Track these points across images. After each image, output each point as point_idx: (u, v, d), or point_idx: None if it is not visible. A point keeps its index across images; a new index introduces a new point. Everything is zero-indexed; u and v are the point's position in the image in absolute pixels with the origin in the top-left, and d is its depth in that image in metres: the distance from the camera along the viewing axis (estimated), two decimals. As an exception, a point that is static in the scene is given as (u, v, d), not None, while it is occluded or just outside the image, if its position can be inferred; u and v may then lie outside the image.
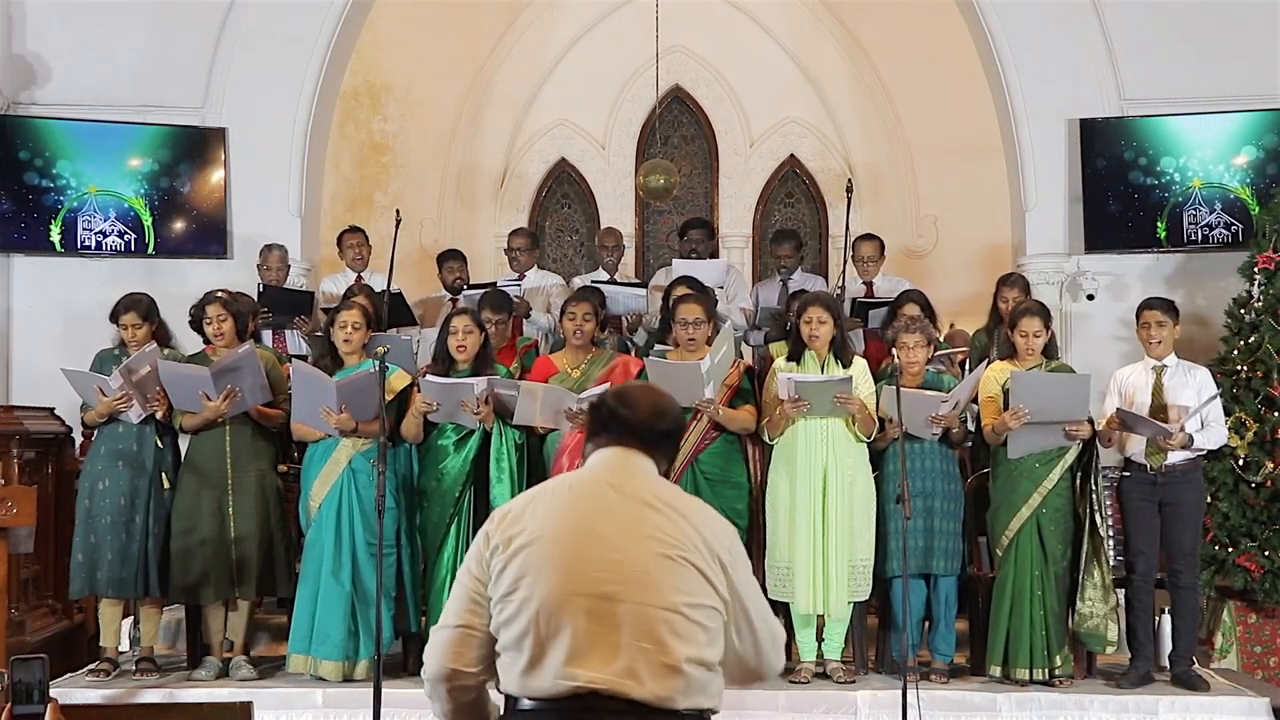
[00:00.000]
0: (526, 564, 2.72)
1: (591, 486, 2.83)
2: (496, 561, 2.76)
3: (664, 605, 2.68)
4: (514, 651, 2.73)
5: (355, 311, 6.41)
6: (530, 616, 2.70)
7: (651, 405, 2.92)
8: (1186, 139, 8.41)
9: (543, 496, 2.84)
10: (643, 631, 2.66)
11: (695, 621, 2.70)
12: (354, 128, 9.94)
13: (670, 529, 2.74)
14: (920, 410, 6.14)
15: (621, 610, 2.67)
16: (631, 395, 2.95)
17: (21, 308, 8.67)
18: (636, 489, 2.81)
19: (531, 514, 2.78)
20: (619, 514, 2.76)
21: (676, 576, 2.70)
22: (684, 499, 2.86)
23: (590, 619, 2.67)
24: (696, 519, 2.79)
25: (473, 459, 6.26)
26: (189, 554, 6.27)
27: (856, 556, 6.17)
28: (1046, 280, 8.46)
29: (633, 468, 2.86)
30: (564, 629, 2.67)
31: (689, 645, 2.68)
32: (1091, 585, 6.23)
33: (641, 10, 9.22)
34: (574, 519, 2.76)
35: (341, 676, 6.13)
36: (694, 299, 6.51)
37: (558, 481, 2.92)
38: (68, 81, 8.65)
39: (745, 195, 10.30)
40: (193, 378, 6.18)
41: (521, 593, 2.71)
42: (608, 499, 2.79)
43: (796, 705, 6.02)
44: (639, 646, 2.66)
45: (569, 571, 2.70)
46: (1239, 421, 7.31)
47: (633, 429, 2.89)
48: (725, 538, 2.82)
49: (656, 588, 2.69)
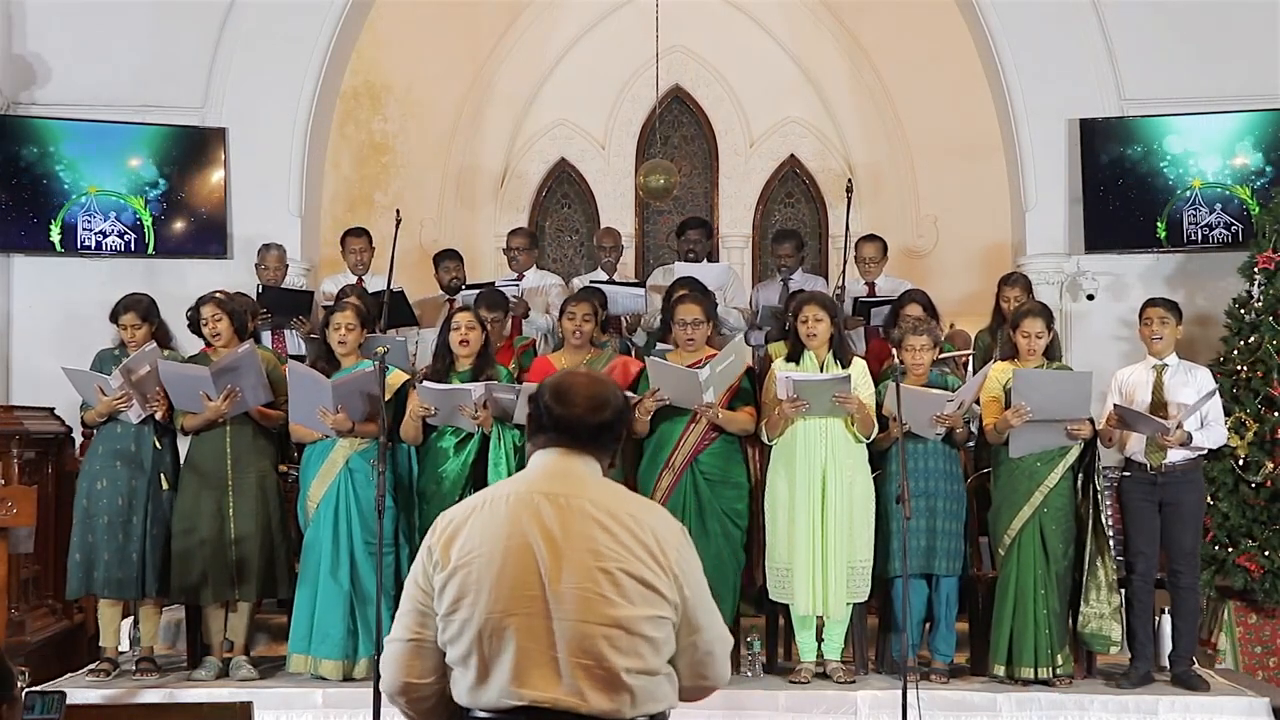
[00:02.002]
0: (465, 584, 2.70)
1: (528, 500, 2.74)
2: (438, 578, 2.74)
3: (602, 621, 2.65)
4: (461, 668, 2.73)
5: (349, 312, 6.41)
6: (472, 636, 2.69)
7: (589, 398, 2.81)
8: (1187, 139, 8.40)
9: (480, 511, 2.77)
10: (582, 649, 2.64)
11: (637, 634, 2.67)
12: (354, 128, 9.93)
13: (609, 542, 2.69)
14: (925, 409, 6.13)
15: (560, 628, 2.65)
16: (568, 389, 2.83)
17: (21, 308, 8.67)
18: (575, 499, 2.73)
19: (469, 530, 2.74)
20: (555, 529, 2.70)
21: (615, 591, 2.66)
22: (626, 504, 2.78)
23: (530, 638, 2.66)
24: (639, 526, 2.73)
25: (472, 462, 6.26)
26: (189, 554, 6.28)
27: (856, 557, 6.17)
28: (1046, 280, 8.46)
29: (573, 473, 2.79)
30: (505, 648, 2.66)
31: (630, 658, 2.66)
32: (1096, 586, 6.23)
33: (641, 10, 9.22)
34: (509, 536, 2.70)
35: (341, 675, 6.14)
36: (693, 299, 6.51)
37: (495, 493, 2.82)
38: (68, 81, 8.64)
39: (745, 195, 10.30)
40: (193, 378, 6.18)
41: (462, 613, 2.70)
42: (544, 513, 2.71)
43: (796, 705, 6.02)
44: (580, 663, 2.64)
45: (505, 591, 2.67)
46: (1239, 421, 7.31)
47: (569, 427, 2.80)
48: (673, 540, 2.76)
49: (594, 604, 2.65)
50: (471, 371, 6.29)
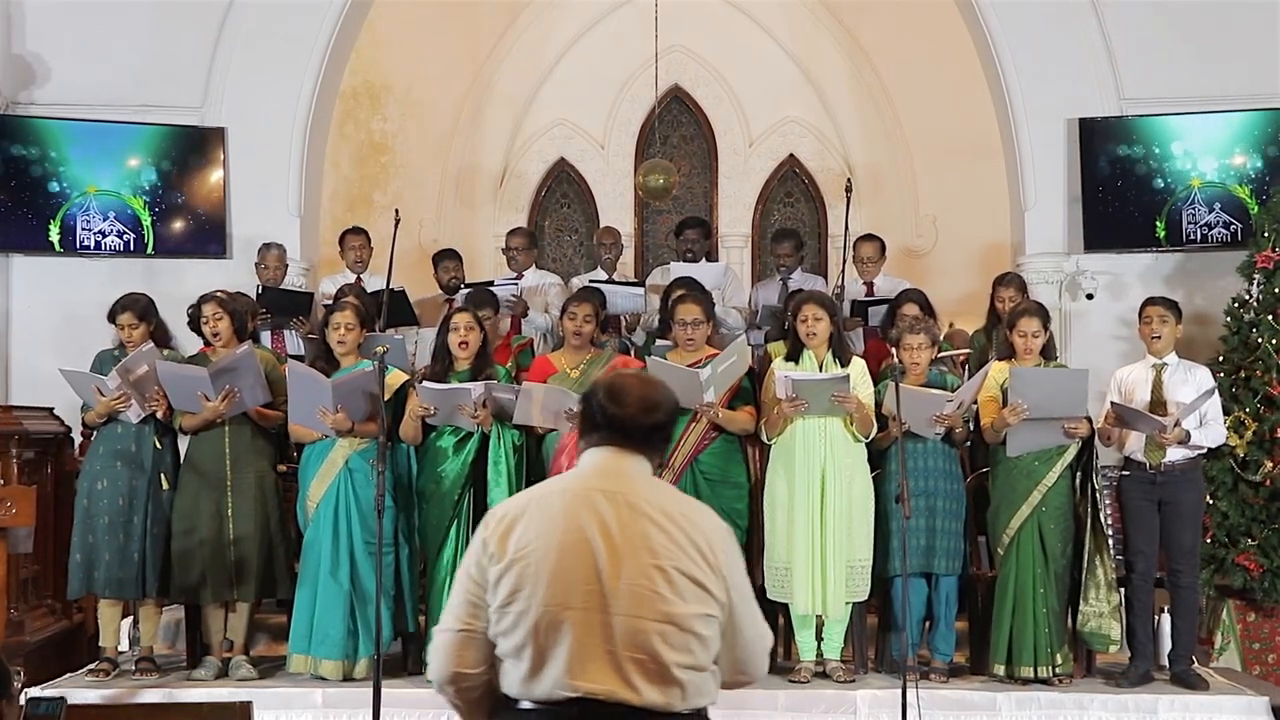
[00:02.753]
0: (522, 577, 2.74)
1: (585, 496, 2.80)
2: (493, 570, 2.78)
3: (656, 617, 2.71)
4: (514, 659, 2.76)
5: (349, 312, 6.41)
6: (528, 629, 2.73)
7: (642, 400, 2.87)
8: (1186, 138, 8.40)
9: (536, 506, 2.82)
10: (636, 643, 2.70)
11: (688, 630, 2.73)
12: (353, 127, 9.93)
13: (664, 540, 2.75)
14: (924, 409, 6.13)
15: (615, 623, 2.71)
16: (622, 389, 2.89)
17: (21, 308, 8.67)
18: (630, 497, 2.79)
19: (526, 524, 2.78)
20: (612, 525, 2.75)
21: (669, 588, 2.72)
22: (678, 503, 2.85)
23: (586, 631, 2.71)
24: (692, 526, 2.79)
25: (472, 461, 6.26)
26: (188, 554, 6.28)
27: (855, 557, 6.17)
28: (1046, 280, 8.46)
29: (625, 471, 2.84)
30: (561, 641, 2.71)
31: (682, 654, 2.73)
32: (1095, 585, 6.23)
33: (641, 10, 9.21)
34: (566, 531, 2.75)
35: (341, 676, 6.13)
36: (693, 299, 6.51)
37: (551, 488, 2.90)
38: (67, 81, 8.64)
39: (744, 195, 10.29)
40: (191, 378, 6.18)
41: (518, 605, 2.74)
42: (601, 509, 2.77)
43: (796, 705, 6.02)
44: (633, 658, 2.70)
45: (563, 585, 2.72)
46: (1238, 421, 7.31)
47: (623, 426, 2.85)
48: (722, 542, 2.82)
49: (649, 600, 2.71)
50: (470, 371, 6.29)
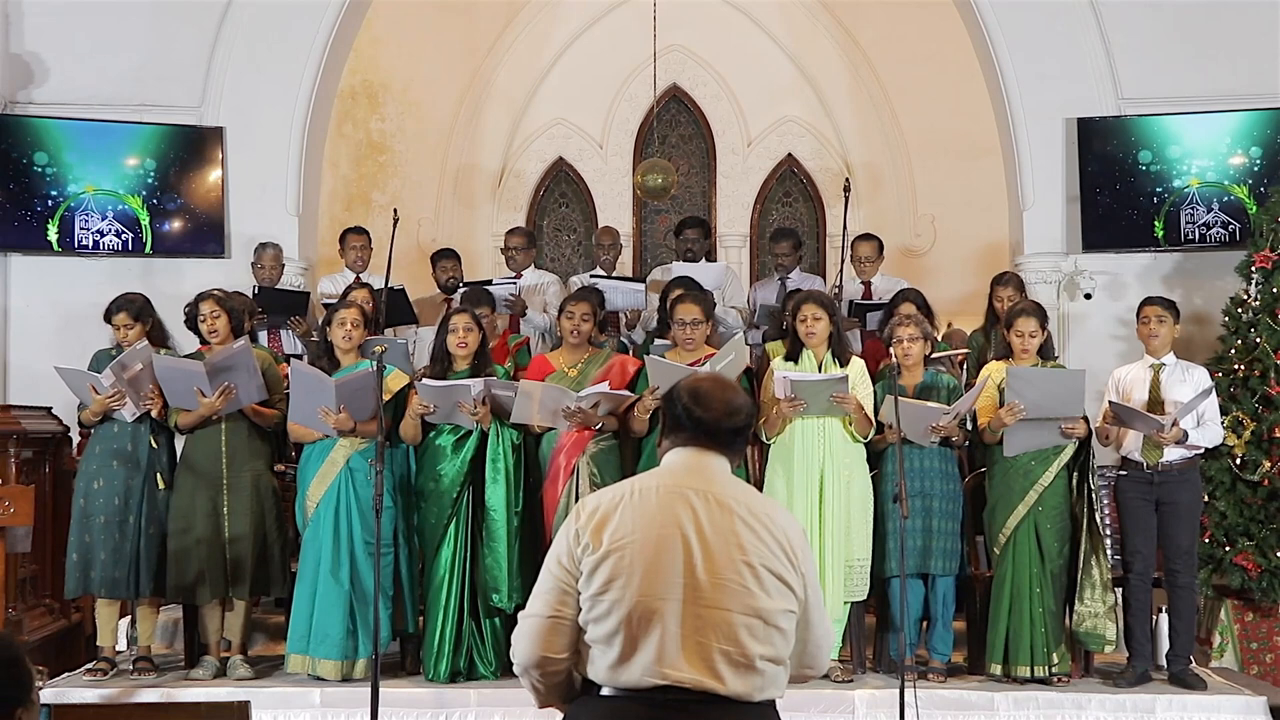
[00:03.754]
0: (618, 568, 2.86)
1: (679, 492, 2.92)
2: (587, 560, 2.88)
3: (744, 610, 2.84)
4: (604, 646, 2.87)
5: (354, 310, 6.41)
6: (621, 617, 2.84)
7: (725, 404, 3.00)
8: (1184, 138, 8.40)
9: (630, 500, 2.93)
10: (725, 634, 2.83)
11: (772, 625, 2.87)
12: (352, 127, 9.93)
13: (751, 538, 2.88)
14: (920, 420, 6.14)
15: (706, 614, 2.83)
16: (705, 393, 3.01)
17: (19, 307, 8.67)
18: (720, 495, 2.92)
19: (620, 518, 2.90)
20: (704, 522, 2.88)
21: (756, 584, 2.86)
22: (762, 503, 2.99)
23: (677, 622, 2.83)
24: (775, 525, 2.93)
25: (470, 460, 6.26)
26: (184, 554, 6.27)
27: (853, 556, 6.18)
28: (1044, 279, 8.46)
29: (711, 470, 2.98)
30: (653, 630, 2.83)
31: (765, 646, 2.86)
32: (1090, 585, 6.24)
33: (639, 10, 9.21)
34: (662, 525, 2.88)
35: (340, 676, 6.13)
36: (692, 299, 6.51)
37: (645, 484, 2.98)
38: (65, 80, 8.64)
39: (743, 194, 10.30)
40: (187, 373, 6.16)
41: (612, 594, 2.85)
42: (694, 505, 2.89)
43: (794, 705, 5.99)
44: (721, 648, 2.83)
45: (657, 577, 2.84)
46: (1236, 420, 7.31)
47: (707, 428, 2.98)
48: (800, 541, 2.97)
49: (738, 594, 2.84)
50: (469, 371, 6.29)
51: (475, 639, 6.19)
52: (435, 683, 6.16)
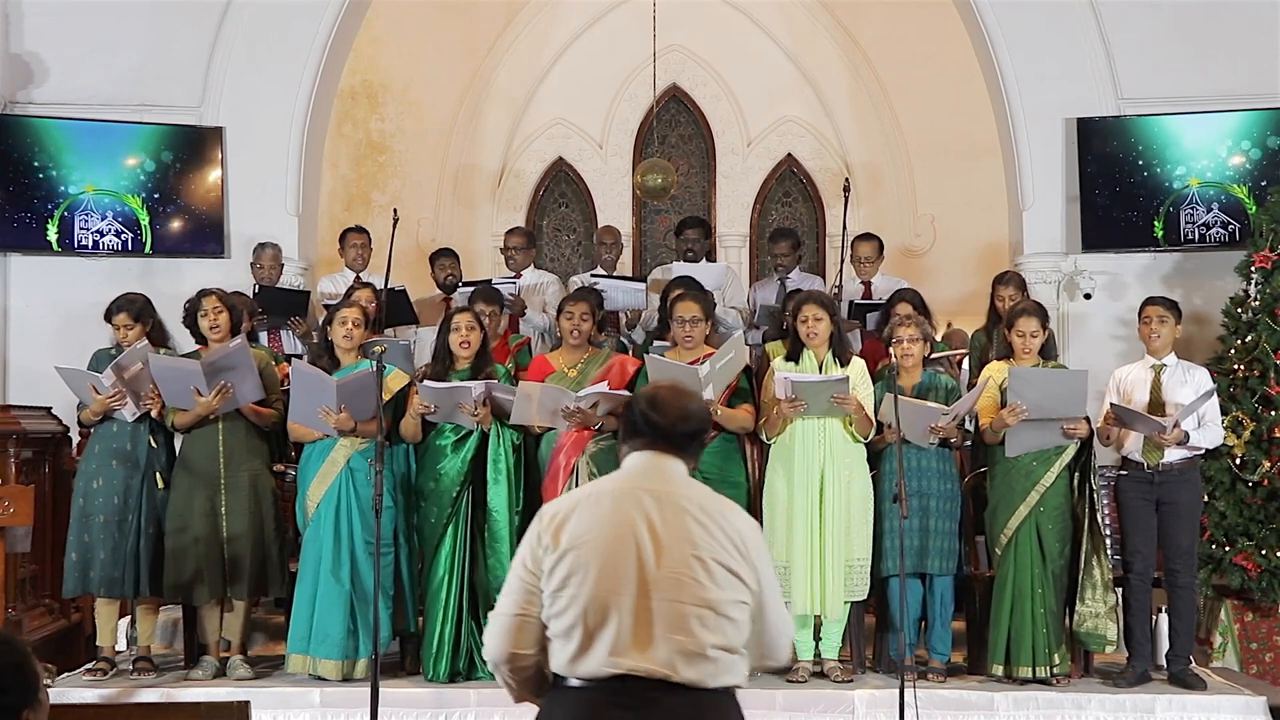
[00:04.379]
0: (575, 565, 3.02)
1: (631, 494, 3.10)
2: (547, 560, 3.06)
3: (695, 601, 2.99)
4: (563, 639, 3.03)
5: (356, 310, 6.42)
6: (579, 611, 3.01)
7: (679, 410, 3.19)
8: (1184, 138, 8.40)
9: (586, 502, 3.11)
10: (677, 625, 2.98)
11: (723, 615, 3.01)
12: (351, 127, 9.94)
13: (702, 534, 3.04)
14: (920, 420, 6.14)
15: (658, 607, 2.99)
16: (660, 400, 3.20)
17: (19, 307, 8.66)
18: (672, 495, 3.09)
19: (577, 518, 3.07)
20: (656, 520, 3.04)
21: (707, 576, 3.01)
22: (714, 501, 3.15)
23: (631, 615, 2.99)
24: (727, 522, 3.09)
25: (470, 460, 6.26)
26: (182, 553, 6.26)
27: (854, 556, 6.17)
28: (1044, 279, 8.45)
29: (666, 472, 3.15)
30: (608, 623, 2.99)
31: (716, 635, 3.00)
32: (1091, 585, 6.23)
33: (639, 9, 9.21)
34: (615, 525, 3.05)
35: (340, 676, 6.13)
36: (691, 297, 6.50)
37: (601, 488, 3.17)
38: (65, 80, 8.63)
39: (743, 194, 10.30)
40: (185, 372, 6.15)
41: (570, 590, 3.02)
42: (645, 506, 3.06)
43: (794, 705, 6.02)
44: (673, 638, 2.98)
45: (611, 573, 3.01)
46: (1236, 420, 7.31)
47: (662, 432, 3.17)
48: (752, 535, 3.14)
49: (689, 586, 3.00)
50: (471, 370, 6.29)
51: (475, 639, 6.17)
52: (435, 683, 6.16)
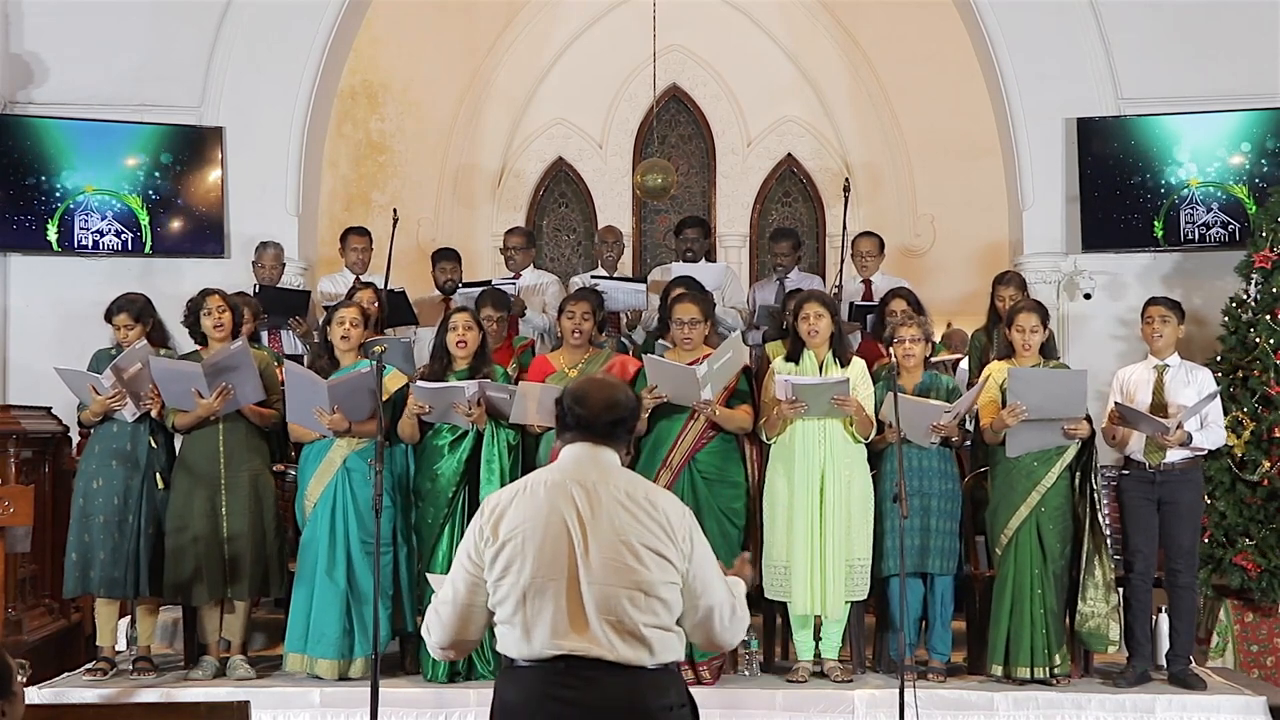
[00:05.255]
0: (512, 555, 3.22)
1: (562, 486, 3.26)
2: (488, 551, 3.25)
3: (625, 585, 3.18)
4: (508, 624, 3.24)
5: (354, 310, 6.42)
6: (518, 598, 3.21)
7: (603, 400, 3.35)
8: (1184, 138, 8.39)
9: (522, 495, 3.28)
10: (609, 608, 3.17)
11: (654, 596, 3.20)
12: (351, 127, 9.94)
13: (630, 520, 3.22)
14: (921, 419, 6.13)
15: (590, 591, 3.17)
16: (585, 393, 3.37)
17: (19, 307, 8.67)
18: (600, 485, 3.26)
19: (514, 511, 3.26)
20: (585, 510, 3.22)
21: (635, 560, 3.19)
22: (642, 488, 3.31)
23: (566, 599, 3.18)
24: (654, 507, 3.25)
25: (466, 459, 6.26)
26: (182, 553, 6.26)
27: (854, 556, 6.17)
28: (1044, 279, 8.45)
29: (597, 461, 3.31)
30: (546, 608, 3.18)
31: (648, 615, 3.19)
32: (1093, 585, 6.23)
33: (639, 10, 9.22)
34: (548, 515, 3.23)
35: (338, 675, 6.13)
36: (691, 298, 6.50)
37: (535, 480, 3.32)
38: (65, 80, 8.64)
39: (742, 194, 10.31)
40: (185, 374, 6.16)
41: (509, 579, 3.22)
42: (575, 496, 3.24)
43: (794, 705, 6.02)
44: (607, 620, 3.17)
45: (546, 561, 3.20)
46: (1236, 420, 7.31)
47: (589, 424, 3.33)
48: (679, 519, 3.28)
49: (619, 571, 3.18)
50: (468, 371, 6.29)
51: (475, 639, 6.18)
52: (434, 682, 6.16)
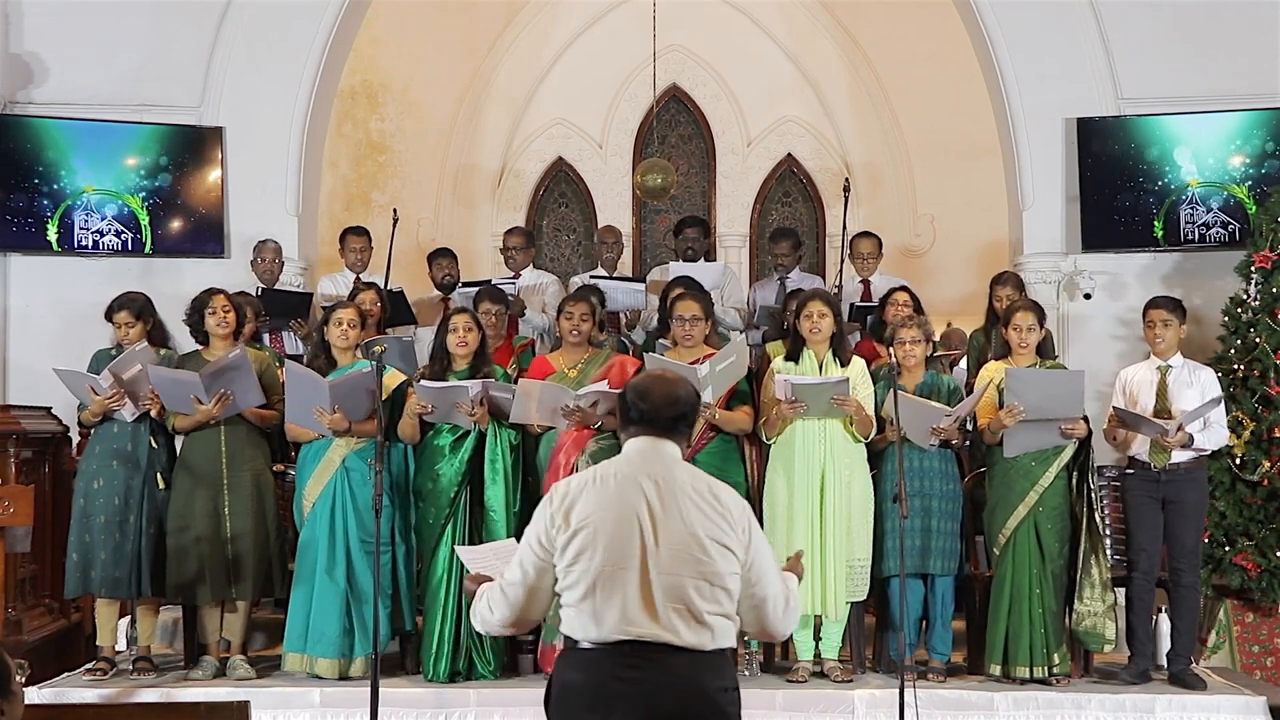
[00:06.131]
0: (584, 543, 3.38)
1: (632, 479, 3.43)
2: (560, 538, 3.41)
3: (693, 574, 3.35)
4: (577, 608, 3.39)
5: (352, 310, 6.42)
6: (589, 584, 3.36)
7: (664, 395, 3.52)
8: (1184, 138, 8.40)
9: (592, 485, 3.44)
10: (677, 595, 3.34)
11: (719, 585, 3.37)
12: (351, 127, 9.93)
13: (696, 513, 3.39)
14: (922, 420, 6.13)
15: (660, 579, 3.34)
16: (647, 388, 3.55)
17: (19, 307, 8.67)
18: (668, 478, 3.43)
19: (585, 500, 3.42)
20: (654, 502, 3.39)
21: (701, 551, 3.36)
22: (707, 482, 3.48)
23: (636, 586, 3.34)
24: (718, 500, 3.44)
25: (468, 460, 6.26)
26: (184, 553, 6.26)
27: (854, 557, 6.17)
28: (1044, 279, 8.45)
29: (661, 455, 3.49)
30: (615, 594, 3.34)
31: (711, 604, 3.36)
32: (1090, 584, 6.23)
33: (639, 9, 9.21)
34: (620, 506, 3.39)
35: (338, 674, 6.14)
36: (692, 296, 6.50)
37: (605, 471, 3.48)
38: (65, 80, 8.64)
39: (742, 194, 10.30)
40: (183, 383, 6.16)
41: (581, 565, 3.37)
42: (645, 489, 3.40)
43: (794, 705, 6.02)
44: (674, 607, 3.34)
45: (618, 550, 3.36)
46: (1236, 420, 7.31)
47: (653, 419, 3.50)
48: (741, 512, 3.47)
49: (687, 561, 3.35)
50: (469, 371, 6.29)
51: (474, 639, 6.18)
52: (435, 682, 6.16)
